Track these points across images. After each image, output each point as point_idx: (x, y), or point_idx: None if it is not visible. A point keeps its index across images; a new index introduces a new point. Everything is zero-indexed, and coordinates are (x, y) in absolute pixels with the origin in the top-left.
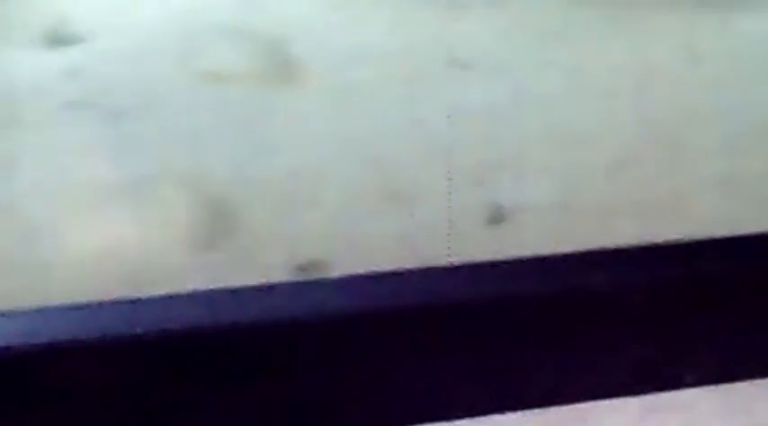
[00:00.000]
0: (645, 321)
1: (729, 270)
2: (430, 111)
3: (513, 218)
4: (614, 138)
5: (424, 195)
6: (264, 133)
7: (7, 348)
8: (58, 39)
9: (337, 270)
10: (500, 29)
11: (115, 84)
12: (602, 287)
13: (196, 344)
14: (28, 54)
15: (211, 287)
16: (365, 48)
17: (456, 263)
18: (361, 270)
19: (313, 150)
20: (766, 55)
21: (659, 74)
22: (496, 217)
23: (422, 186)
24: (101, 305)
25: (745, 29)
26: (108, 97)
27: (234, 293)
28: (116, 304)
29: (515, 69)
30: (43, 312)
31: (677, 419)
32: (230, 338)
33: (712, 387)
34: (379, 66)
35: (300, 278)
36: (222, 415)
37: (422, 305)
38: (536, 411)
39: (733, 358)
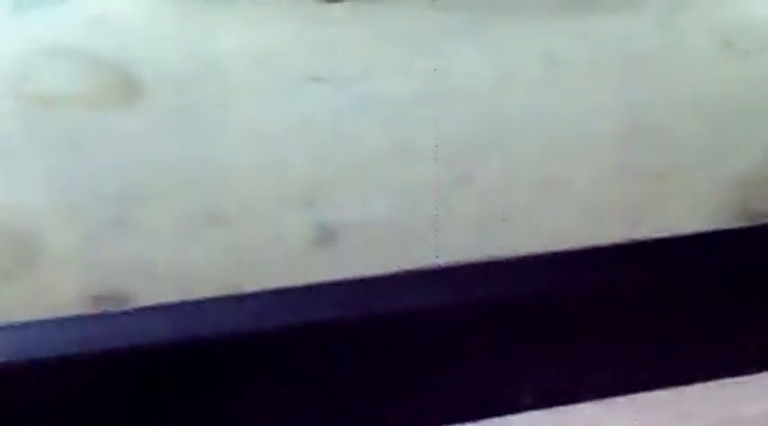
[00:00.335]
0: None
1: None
2: (271, 128)
3: (342, 238)
4: (460, 150)
5: (249, 216)
6: (87, 157)
7: None
8: None
9: (139, 301)
10: (358, 38)
11: None
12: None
13: None
14: None
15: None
16: (213, 66)
17: (277, 288)
18: (165, 299)
19: (137, 174)
20: (624, 59)
21: (515, 80)
22: (324, 237)
23: (248, 207)
24: None
25: (603, 33)
26: None
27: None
28: None
29: (370, 80)
30: None
31: None
32: None
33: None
34: (225, 84)
35: (95, 309)
36: None
37: (234, 333)
38: None
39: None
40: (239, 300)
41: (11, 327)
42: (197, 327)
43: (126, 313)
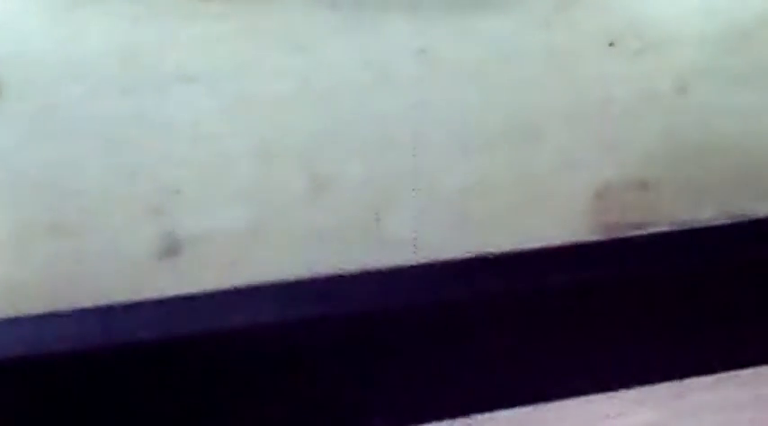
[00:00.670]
0: None
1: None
2: (129, 130)
3: (188, 250)
4: (323, 154)
5: (92, 226)
6: None
7: None
8: None
9: None
10: (234, 37)
11: None
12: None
13: None
14: None
15: None
16: (79, 65)
17: (117, 302)
18: None
19: None
20: (505, 59)
21: (389, 80)
22: (170, 249)
23: (93, 216)
24: None
25: (484, 32)
26: None
27: None
28: None
29: (242, 80)
30: None
31: None
32: None
33: None
34: (89, 84)
35: None
36: None
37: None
38: None
39: None
40: (55, 317)
41: None
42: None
43: None
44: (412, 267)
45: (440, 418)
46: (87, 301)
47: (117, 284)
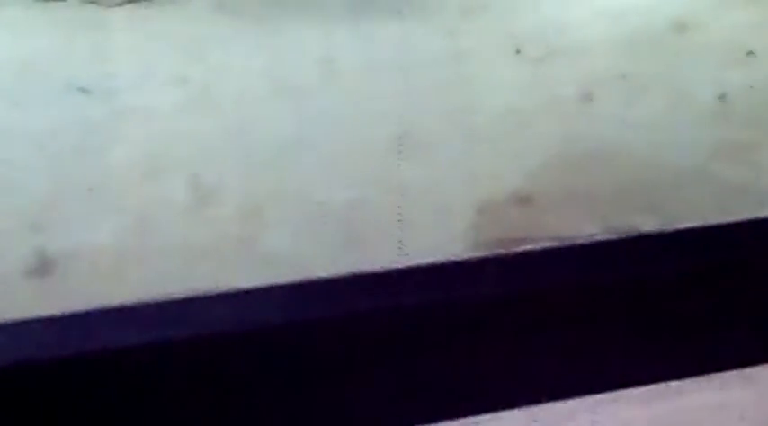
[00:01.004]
0: None
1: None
2: (13, 143)
3: (61, 267)
4: (212, 166)
5: None
6: None
7: None
8: None
9: None
10: (133, 46)
11: None
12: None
13: None
14: None
15: None
16: None
17: None
18: None
19: None
20: (407, 66)
21: (288, 88)
22: (42, 266)
23: None
24: None
25: (388, 39)
26: None
27: None
28: None
29: (138, 90)
30: None
31: None
32: None
33: None
34: None
35: None
36: None
37: None
38: None
39: None
40: None
41: None
42: None
43: None
44: (290, 285)
45: None
46: None
47: None
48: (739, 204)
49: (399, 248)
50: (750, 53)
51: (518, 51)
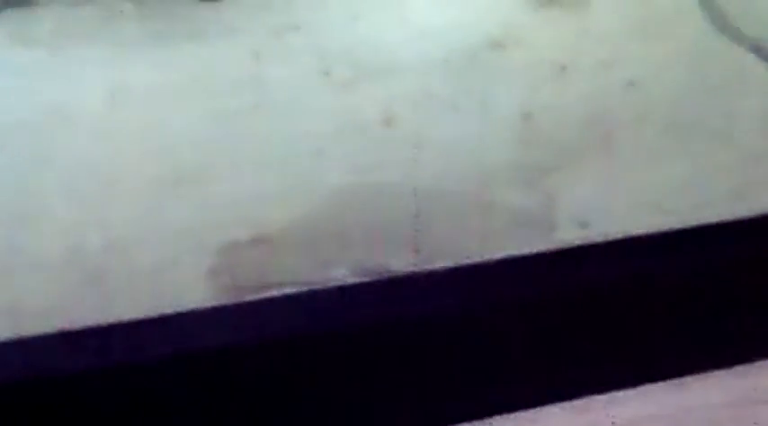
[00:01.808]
0: None
1: None
2: None
3: None
4: None
5: None
6: None
7: None
8: None
9: None
10: None
11: None
12: None
13: None
14: None
15: None
16: None
17: None
18: None
19: None
20: (200, 91)
21: (72, 117)
22: None
23: None
24: None
25: (188, 63)
26: None
27: None
28: None
29: None
30: None
31: None
32: None
33: None
34: None
35: None
36: None
37: None
38: None
39: None
40: None
41: None
42: None
43: None
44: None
45: None
46: None
47: None
48: (521, 235)
49: (143, 298)
50: (562, 68)
51: (326, 73)
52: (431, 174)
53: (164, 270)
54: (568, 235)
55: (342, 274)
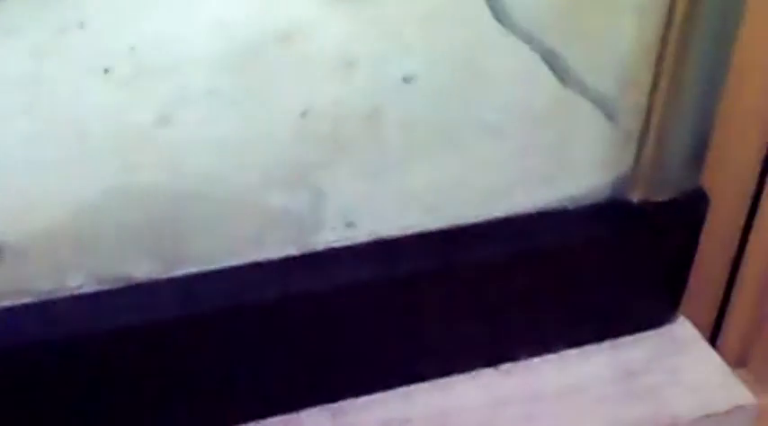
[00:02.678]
0: None
1: None
2: None
3: None
4: None
5: None
6: None
7: None
8: None
9: None
10: None
11: None
12: None
13: None
14: None
15: None
16: None
17: None
18: None
19: None
20: None
21: None
22: None
23: None
24: None
25: None
26: None
27: None
28: None
29: None
30: None
31: None
32: None
33: None
34: None
35: None
36: None
37: None
38: None
39: None
40: None
41: None
42: None
43: None
44: None
45: None
46: None
47: None
48: (282, 236)
49: None
50: (348, 63)
51: (106, 71)
52: (197, 175)
53: None
54: (334, 235)
55: (79, 282)
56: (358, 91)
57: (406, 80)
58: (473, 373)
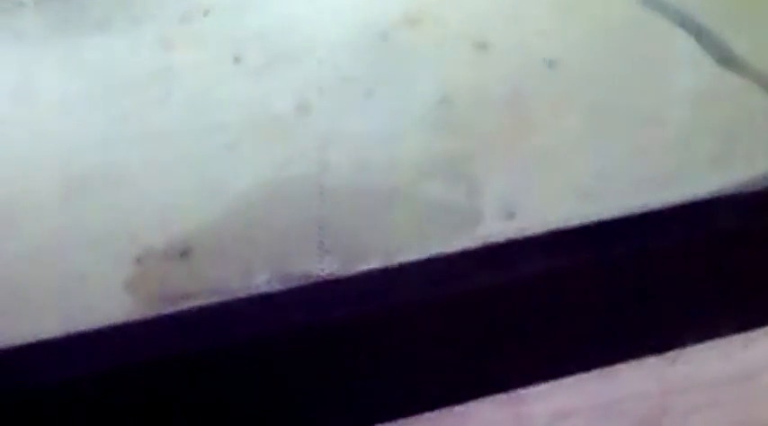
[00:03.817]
0: None
1: None
2: None
3: None
4: None
5: None
6: None
7: None
8: None
9: None
10: None
11: None
12: None
13: None
14: None
15: None
16: None
17: None
18: None
19: None
20: (115, 86)
21: None
22: None
23: None
24: None
25: (91, 57)
26: None
27: None
28: None
29: None
30: None
31: None
32: None
33: None
34: None
35: None
36: None
37: None
38: None
39: None
40: None
41: None
42: None
43: None
44: None
45: None
46: None
47: None
48: (445, 229)
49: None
50: (482, 46)
51: (237, 60)
52: (347, 167)
53: (78, 284)
54: (494, 228)
55: (264, 281)
56: (497, 76)
57: (550, 64)
58: (638, 361)
